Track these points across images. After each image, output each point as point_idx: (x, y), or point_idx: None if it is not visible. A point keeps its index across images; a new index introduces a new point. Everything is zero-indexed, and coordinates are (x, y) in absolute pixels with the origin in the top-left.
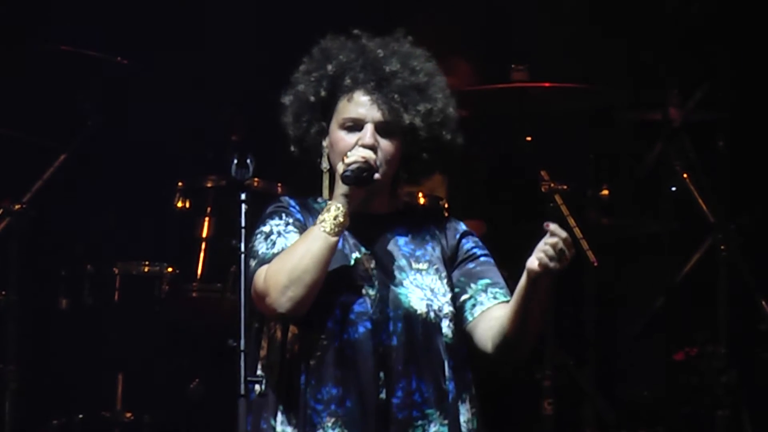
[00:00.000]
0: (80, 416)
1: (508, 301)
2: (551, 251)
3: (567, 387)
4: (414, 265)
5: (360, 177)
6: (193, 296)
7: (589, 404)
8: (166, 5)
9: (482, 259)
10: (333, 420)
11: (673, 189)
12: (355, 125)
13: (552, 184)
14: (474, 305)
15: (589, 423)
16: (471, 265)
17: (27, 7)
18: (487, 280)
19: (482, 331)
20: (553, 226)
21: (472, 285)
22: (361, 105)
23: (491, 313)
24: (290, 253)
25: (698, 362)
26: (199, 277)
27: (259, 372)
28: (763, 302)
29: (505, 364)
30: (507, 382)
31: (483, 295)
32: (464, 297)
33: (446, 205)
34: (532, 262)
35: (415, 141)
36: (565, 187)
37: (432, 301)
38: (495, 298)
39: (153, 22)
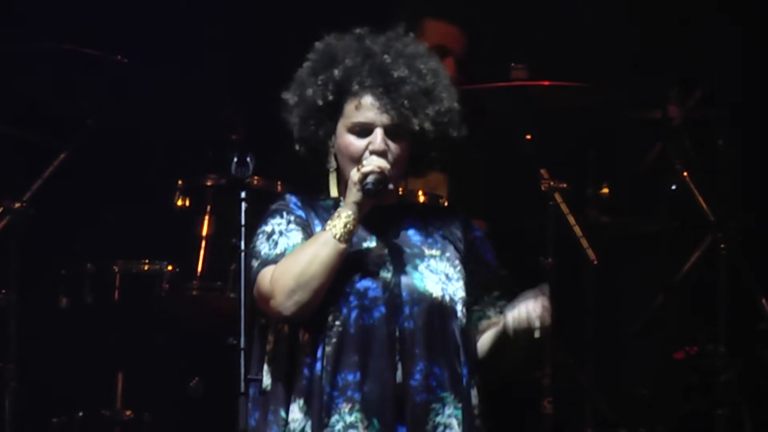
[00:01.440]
0: (80, 414)
1: None
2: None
3: (567, 386)
4: (427, 252)
5: (378, 189)
6: (193, 295)
7: (588, 403)
8: (166, 3)
9: (492, 265)
10: (350, 406)
11: (673, 187)
12: (364, 129)
13: (552, 183)
14: (480, 318)
15: (588, 422)
16: (483, 273)
17: (27, 5)
18: (496, 293)
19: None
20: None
21: (485, 297)
22: (369, 110)
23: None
24: (298, 256)
25: (698, 361)
26: (199, 275)
27: (265, 367)
28: (763, 301)
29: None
30: (506, 381)
31: (491, 309)
32: (475, 307)
33: (446, 204)
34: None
35: (424, 141)
36: (564, 185)
37: (447, 285)
38: (501, 312)
39: (153, 21)
